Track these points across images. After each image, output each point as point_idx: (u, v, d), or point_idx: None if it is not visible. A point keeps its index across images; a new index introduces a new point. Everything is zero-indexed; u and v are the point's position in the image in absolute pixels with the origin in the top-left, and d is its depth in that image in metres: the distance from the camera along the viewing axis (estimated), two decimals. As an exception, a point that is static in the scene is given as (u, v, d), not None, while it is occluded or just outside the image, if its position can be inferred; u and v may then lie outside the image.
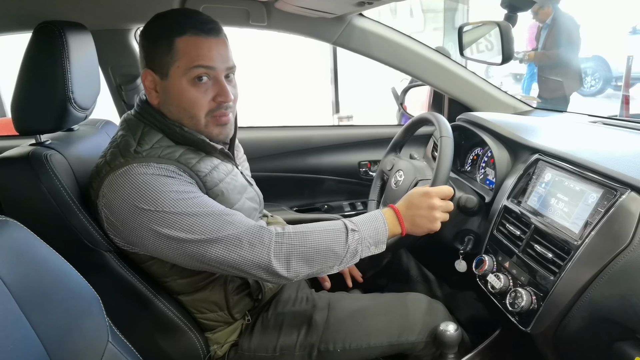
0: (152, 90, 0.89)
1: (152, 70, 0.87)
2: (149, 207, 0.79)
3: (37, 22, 0.91)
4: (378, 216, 0.91)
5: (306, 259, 0.83)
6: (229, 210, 0.85)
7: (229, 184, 0.95)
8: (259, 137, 1.67)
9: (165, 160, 0.85)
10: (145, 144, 0.86)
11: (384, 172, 1.32)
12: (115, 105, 1.53)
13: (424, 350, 1.03)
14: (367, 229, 0.88)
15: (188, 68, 0.84)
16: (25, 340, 0.56)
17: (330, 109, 5.06)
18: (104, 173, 0.84)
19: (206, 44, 0.85)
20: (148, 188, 0.80)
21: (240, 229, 0.82)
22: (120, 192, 0.80)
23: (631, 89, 4.08)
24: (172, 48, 0.84)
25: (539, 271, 0.83)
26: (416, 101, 2.10)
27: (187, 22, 0.85)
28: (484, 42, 1.44)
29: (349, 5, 1.14)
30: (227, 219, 0.82)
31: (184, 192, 0.82)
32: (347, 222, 0.88)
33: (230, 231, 0.81)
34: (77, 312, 0.66)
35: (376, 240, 0.89)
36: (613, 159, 0.83)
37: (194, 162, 0.88)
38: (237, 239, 0.81)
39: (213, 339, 1.03)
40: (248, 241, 0.81)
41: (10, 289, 0.56)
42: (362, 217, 0.91)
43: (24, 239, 0.63)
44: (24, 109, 0.91)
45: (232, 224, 0.82)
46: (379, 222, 0.90)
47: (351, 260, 0.88)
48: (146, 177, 0.81)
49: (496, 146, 1.12)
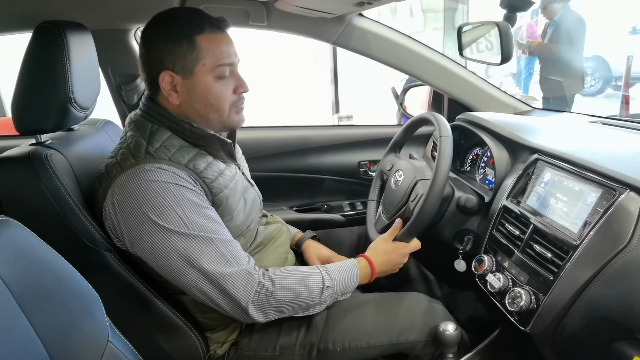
0: (172, 91, 0.89)
1: (172, 71, 0.87)
2: (155, 218, 0.82)
3: (37, 22, 0.92)
4: (353, 271, 0.99)
5: (281, 310, 0.91)
6: (228, 239, 0.89)
7: (232, 189, 0.96)
8: (258, 137, 1.67)
9: (176, 164, 0.86)
10: (156, 142, 0.88)
11: (383, 172, 1.32)
12: (115, 105, 1.53)
13: (424, 350, 1.03)
14: (340, 283, 0.96)
15: (215, 66, 0.88)
16: (25, 339, 0.57)
17: (330, 108, 5.05)
18: (115, 173, 0.84)
19: (223, 40, 0.89)
20: (157, 198, 0.82)
21: (231, 270, 0.85)
22: (131, 196, 0.82)
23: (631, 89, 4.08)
24: (195, 47, 0.86)
25: (538, 271, 0.83)
26: (416, 101, 2.10)
27: (202, 20, 0.87)
28: (483, 42, 1.44)
29: (349, 5, 1.14)
30: (223, 251, 0.86)
31: (190, 208, 0.84)
32: (325, 275, 0.95)
33: (221, 268, 0.84)
34: (77, 311, 0.66)
35: (344, 292, 0.99)
36: (612, 158, 0.84)
37: (201, 168, 0.90)
38: (223, 277, 0.84)
39: (213, 339, 1.03)
40: (232, 284, 0.85)
41: (11, 289, 0.56)
42: (339, 267, 0.99)
43: (24, 239, 0.63)
44: (24, 109, 0.91)
45: (226, 261, 0.85)
46: (352, 278, 0.99)
47: (316, 310, 0.96)
48: (157, 184, 0.82)
49: (496, 146, 1.12)
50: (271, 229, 1.14)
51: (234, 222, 0.97)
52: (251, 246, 1.05)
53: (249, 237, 1.05)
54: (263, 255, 1.07)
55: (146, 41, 0.89)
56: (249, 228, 1.04)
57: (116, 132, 1.18)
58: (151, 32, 0.88)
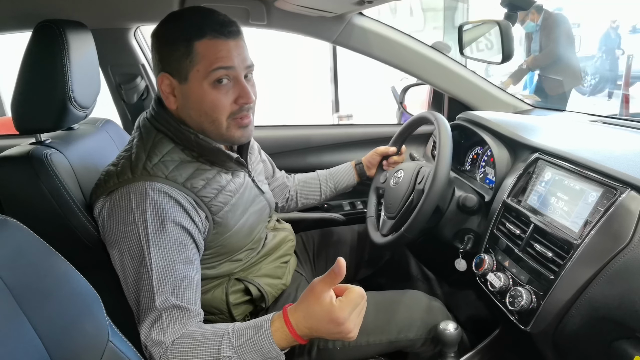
0: (170, 94, 0.86)
1: (169, 74, 0.84)
2: (128, 242, 0.79)
3: (37, 20, 0.91)
4: (263, 336, 0.73)
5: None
6: (183, 276, 0.80)
7: (234, 205, 0.93)
8: (258, 137, 1.66)
9: (172, 183, 0.83)
10: (155, 157, 0.84)
11: (378, 188, 1.30)
12: (115, 105, 1.53)
13: (423, 347, 1.03)
14: (248, 354, 0.73)
15: (208, 71, 0.81)
16: (25, 339, 0.56)
17: (330, 107, 5.05)
18: (112, 185, 0.83)
19: (225, 46, 0.82)
20: (139, 217, 0.79)
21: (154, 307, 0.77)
22: (117, 212, 0.81)
23: (631, 88, 4.09)
24: (191, 52, 0.81)
25: (539, 270, 0.83)
26: (416, 100, 2.10)
27: (206, 24, 0.81)
28: (484, 41, 1.44)
29: (349, 4, 1.14)
30: (171, 286, 0.78)
31: (164, 245, 0.79)
32: (226, 345, 0.73)
33: (154, 311, 0.76)
34: (77, 311, 0.66)
35: (264, 358, 0.74)
36: (613, 158, 0.83)
37: (199, 187, 0.86)
38: (154, 317, 0.76)
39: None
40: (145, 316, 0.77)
41: (10, 289, 0.56)
42: (246, 333, 0.74)
43: (24, 238, 0.63)
44: (24, 108, 0.91)
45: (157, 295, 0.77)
46: (263, 343, 0.72)
47: None
48: (146, 203, 0.79)
49: (496, 145, 1.12)
50: (279, 238, 1.12)
51: (235, 238, 0.95)
52: (257, 255, 1.04)
53: (255, 248, 1.04)
54: (264, 264, 1.06)
55: (152, 41, 0.86)
56: (253, 240, 1.02)
57: (116, 131, 1.18)
58: (156, 32, 0.86)
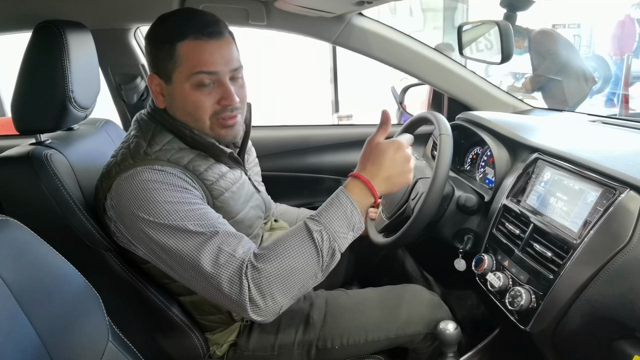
0: (159, 94, 0.89)
1: (157, 74, 0.87)
2: (145, 216, 0.78)
3: (36, 21, 0.91)
4: (343, 200, 0.79)
5: (285, 287, 0.76)
6: (223, 231, 0.80)
7: (235, 193, 0.94)
8: (258, 137, 1.67)
9: (173, 165, 0.85)
10: (156, 145, 0.86)
11: None
12: (115, 105, 1.53)
13: (422, 343, 1.03)
14: (332, 221, 0.78)
15: (190, 74, 0.83)
16: (25, 339, 0.57)
17: (329, 108, 5.05)
18: (114, 174, 0.84)
19: (208, 48, 0.83)
20: (148, 197, 0.79)
21: (220, 263, 0.76)
22: (124, 197, 0.81)
23: (630, 88, 4.09)
24: (173, 54, 0.83)
25: (539, 270, 0.83)
26: (416, 100, 2.09)
27: (189, 25, 0.83)
28: (483, 41, 1.44)
29: (349, 4, 1.14)
30: (218, 245, 0.77)
31: (180, 202, 0.80)
32: (310, 223, 0.78)
33: (213, 262, 0.76)
34: (77, 311, 0.66)
35: (350, 226, 0.79)
36: (612, 158, 0.84)
37: (201, 169, 0.88)
38: (217, 270, 0.76)
39: (212, 339, 1.03)
40: (224, 275, 0.75)
41: (11, 288, 0.56)
42: (326, 206, 0.80)
43: (25, 239, 0.63)
44: (24, 109, 0.91)
45: (217, 256, 0.76)
46: (346, 206, 0.78)
47: (332, 261, 0.79)
48: (150, 184, 0.80)
49: (495, 145, 1.12)
50: (275, 236, 1.12)
51: (236, 228, 0.93)
52: None
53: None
54: None
55: (144, 42, 0.89)
56: (252, 235, 1.02)
57: (116, 132, 1.18)
58: (147, 33, 0.88)
